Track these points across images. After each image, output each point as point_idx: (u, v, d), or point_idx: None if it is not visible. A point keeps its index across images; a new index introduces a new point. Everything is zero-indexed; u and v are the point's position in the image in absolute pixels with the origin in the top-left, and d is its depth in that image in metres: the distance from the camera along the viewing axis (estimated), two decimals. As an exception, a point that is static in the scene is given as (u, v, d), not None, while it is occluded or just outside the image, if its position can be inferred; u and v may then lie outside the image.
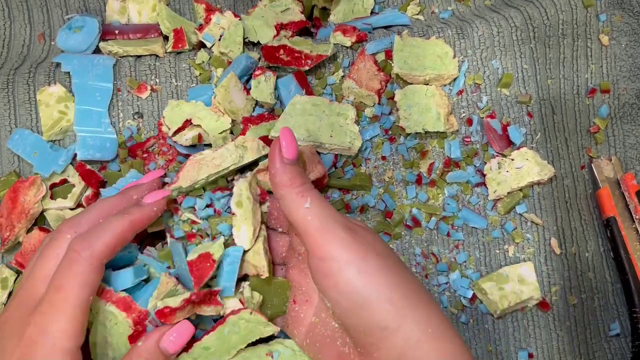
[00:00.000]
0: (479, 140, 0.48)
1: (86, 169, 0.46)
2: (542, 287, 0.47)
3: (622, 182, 0.49)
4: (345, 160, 0.47)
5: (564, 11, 0.50)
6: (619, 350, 0.47)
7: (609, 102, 0.51)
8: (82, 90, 0.47)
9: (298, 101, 0.45)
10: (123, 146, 0.47)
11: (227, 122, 0.45)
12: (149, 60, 0.49)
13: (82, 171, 0.46)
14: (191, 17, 0.52)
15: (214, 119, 0.45)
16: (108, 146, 0.46)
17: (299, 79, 0.47)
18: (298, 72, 0.48)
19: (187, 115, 0.45)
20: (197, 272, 0.35)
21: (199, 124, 0.45)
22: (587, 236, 0.49)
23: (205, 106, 0.46)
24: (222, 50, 0.47)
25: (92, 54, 0.48)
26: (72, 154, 0.46)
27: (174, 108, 0.46)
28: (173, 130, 0.45)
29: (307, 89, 0.47)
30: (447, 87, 0.49)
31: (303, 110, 0.45)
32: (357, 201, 0.47)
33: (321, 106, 0.46)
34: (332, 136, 0.45)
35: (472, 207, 0.48)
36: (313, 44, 0.48)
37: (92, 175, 0.46)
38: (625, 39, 0.51)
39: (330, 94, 0.49)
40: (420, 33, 0.49)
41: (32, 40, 0.51)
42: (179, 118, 0.45)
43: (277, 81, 0.47)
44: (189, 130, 0.46)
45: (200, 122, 0.45)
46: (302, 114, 0.45)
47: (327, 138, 0.45)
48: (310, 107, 0.45)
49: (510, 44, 0.49)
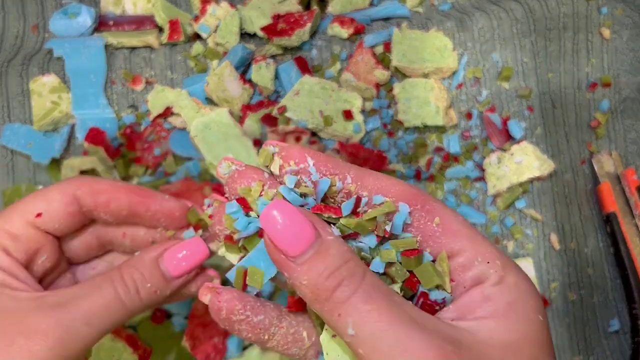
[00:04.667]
0: (478, 134, 0.48)
1: (95, 133, 0.44)
2: (542, 283, 0.46)
3: (622, 177, 0.48)
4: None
5: (565, 4, 0.49)
6: (618, 346, 0.47)
7: (610, 96, 0.50)
8: (76, 73, 0.47)
9: (307, 82, 0.45)
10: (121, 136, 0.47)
11: (207, 115, 0.45)
12: (143, 52, 0.48)
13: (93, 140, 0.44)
14: (187, 8, 0.51)
15: (194, 109, 0.45)
16: (108, 126, 0.46)
17: (300, 65, 0.47)
18: (299, 57, 0.47)
19: (169, 103, 0.45)
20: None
21: (179, 112, 0.45)
22: (586, 232, 0.48)
23: (189, 95, 0.46)
24: (218, 40, 0.47)
25: (82, 37, 0.48)
26: (66, 137, 0.46)
27: (158, 93, 0.46)
28: (154, 115, 0.45)
29: (308, 74, 0.47)
30: (446, 81, 0.48)
31: (310, 92, 0.45)
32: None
33: (329, 90, 0.45)
34: (335, 122, 0.44)
35: (471, 202, 0.47)
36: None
37: (102, 138, 0.44)
38: (626, 33, 0.50)
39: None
40: (420, 25, 0.49)
41: (26, 32, 0.50)
42: (161, 104, 0.45)
43: (277, 68, 0.47)
44: (170, 118, 0.46)
45: (181, 111, 0.45)
46: (309, 94, 0.45)
47: (330, 123, 0.44)
48: (318, 89, 0.45)
49: (511, 36, 0.48)
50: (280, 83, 0.47)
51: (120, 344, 0.38)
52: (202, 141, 0.42)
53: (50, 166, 0.45)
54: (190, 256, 0.28)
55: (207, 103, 0.46)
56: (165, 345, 0.40)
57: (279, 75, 0.47)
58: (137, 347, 0.39)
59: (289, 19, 0.47)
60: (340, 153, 0.45)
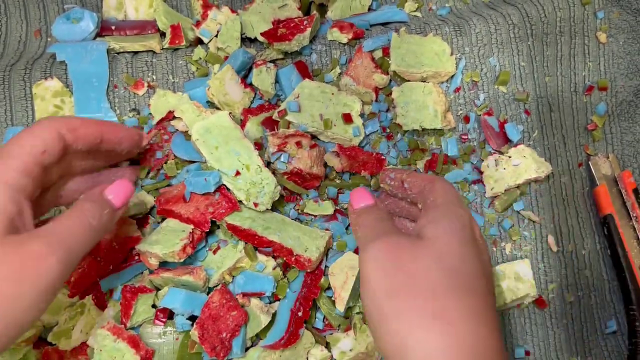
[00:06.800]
0: (476, 137, 0.48)
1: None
2: (539, 285, 0.47)
3: (619, 179, 0.49)
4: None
5: (561, 8, 0.50)
6: (615, 347, 0.47)
7: (607, 100, 0.51)
8: (79, 77, 0.47)
9: (307, 85, 0.46)
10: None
11: (207, 119, 0.45)
12: (145, 56, 0.48)
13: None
14: (188, 13, 0.52)
15: (195, 113, 0.45)
16: None
17: (300, 69, 0.47)
18: (299, 62, 0.48)
19: (171, 107, 0.46)
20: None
21: (180, 116, 0.45)
22: (584, 234, 0.49)
23: (190, 99, 0.46)
24: (220, 45, 0.47)
25: (85, 41, 0.48)
26: None
27: (160, 97, 0.46)
28: (157, 120, 0.46)
29: (308, 78, 0.47)
30: (444, 85, 0.49)
31: (310, 95, 0.45)
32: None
33: (328, 94, 0.46)
34: (335, 125, 0.45)
35: (469, 204, 0.48)
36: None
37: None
38: (623, 37, 0.51)
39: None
40: (418, 30, 0.49)
41: (29, 37, 0.51)
42: (163, 108, 0.46)
43: (277, 72, 0.47)
44: (173, 121, 0.46)
45: (182, 115, 0.45)
46: (309, 98, 0.45)
47: (330, 126, 0.45)
48: (318, 93, 0.46)
49: (508, 41, 0.49)
50: (281, 87, 0.48)
51: (122, 344, 0.39)
52: (204, 145, 0.42)
53: None
54: (121, 191, 0.37)
55: (209, 107, 0.47)
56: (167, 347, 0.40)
57: (279, 80, 0.48)
58: (139, 349, 0.39)
59: (289, 24, 0.47)
60: (339, 156, 0.45)
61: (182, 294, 0.39)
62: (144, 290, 0.41)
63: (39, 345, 0.41)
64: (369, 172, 0.46)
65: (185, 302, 0.39)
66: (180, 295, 0.39)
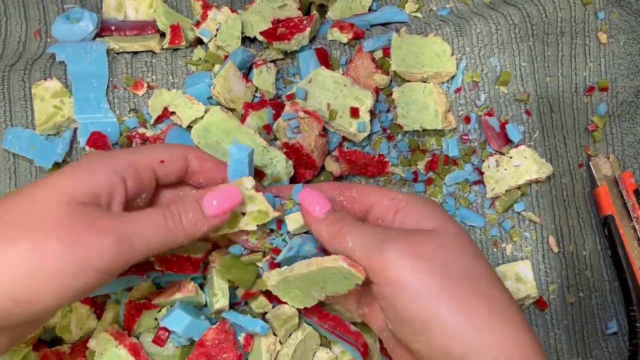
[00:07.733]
0: (477, 138, 0.48)
1: (97, 137, 0.45)
2: (540, 286, 0.47)
3: (620, 180, 0.48)
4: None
5: (562, 9, 0.50)
6: (616, 348, 0.47)
7: (607, 100, 0.51)
8: (79, 77, 0.47)
9: (321, 73, 0.46)
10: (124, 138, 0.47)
11: (200, 110, 0.45)
12: (145, 57, 0.48)
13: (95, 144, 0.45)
14: (188, 13, 0.52)
15: (187, 106, 0.45)
16: (109, 131, 0.47)
17: (320, 56, 0.48)
18: (320, 48, 0.48)
19: (165, 104, 0.46)
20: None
21: (174, 110, 0.45)
22: (584, 234, 0.49)
23: (191, 94, 0.46)
24: (220, 44, 0.47)
25: (84, 42, 0.48)
26: (69, 141, 0.46)
27: (157, 97, 0.46)
28: (154, 119, 0.46)
29: (326, 66, 0.47)
30: (445, 85, 0.49)
31: (322, 84, 0.45)
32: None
33: (341, 85, 0.45)
34: (341, 117, 0.45)
35: (470, 205, 0.47)
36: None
37: (104, 143, 0.45)
38: (623, 37, 0.51)
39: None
40: (418, 30, 0.49)
41: (28, 37, 0.51)
42: (159, 106, 0.46)
43: (297, 54, 0.48)
44: (172, 117, 0.46)
45: (175, 109, 0.45)
46: (320, 86, 0.45)
47: (336, 117, 0.45)
48: (330, 82, 0.45)
49: (509, 41, 0.49)
50: (298, 69, 0.48)
51: (123, 351, 0.39)
52: (207, 146, 0.42)
53: (53, 170, 0.46)
54: (225, 199, 0.34)
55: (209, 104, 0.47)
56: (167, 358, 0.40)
57: (298, 61, 0.48)
58: (139, 357, 0.39)
59: (288, 24, 0.47)
60: (339, 161, 0.45)
61: (186, 320, 0.38)
62: (148, 307, 0.40)
63: (39, 347, 0.41)
64: (370, 175, 0.46)
65: (187, 329, 0.38)
66: (184, 320, 0.38)
